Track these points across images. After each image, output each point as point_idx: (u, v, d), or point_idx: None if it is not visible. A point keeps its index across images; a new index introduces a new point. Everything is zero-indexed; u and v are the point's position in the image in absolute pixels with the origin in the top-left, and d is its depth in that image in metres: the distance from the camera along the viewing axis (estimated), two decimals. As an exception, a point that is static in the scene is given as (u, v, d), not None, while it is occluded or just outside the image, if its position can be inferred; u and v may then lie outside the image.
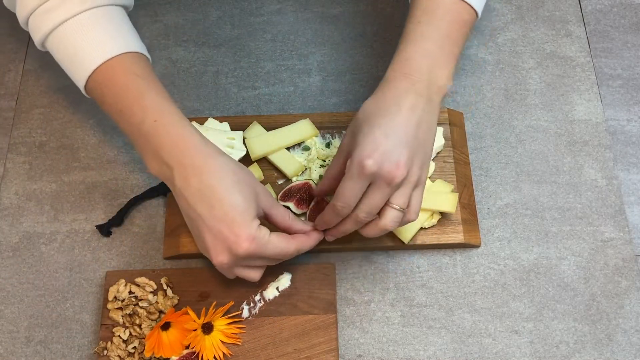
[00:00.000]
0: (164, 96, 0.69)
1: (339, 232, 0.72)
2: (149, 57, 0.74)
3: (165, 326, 0.74)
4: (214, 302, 0.76)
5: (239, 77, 0.94)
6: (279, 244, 0.68)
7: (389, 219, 0.67)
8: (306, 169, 0.84)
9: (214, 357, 0.74)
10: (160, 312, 0.76)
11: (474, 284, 0.81)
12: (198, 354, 0.73)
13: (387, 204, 0.66)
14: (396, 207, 0.66)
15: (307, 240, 0.72)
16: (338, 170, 0.71)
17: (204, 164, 0.65)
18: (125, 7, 0.76)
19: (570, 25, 0.98)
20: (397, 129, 0.65)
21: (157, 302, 0.76)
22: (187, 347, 0.73)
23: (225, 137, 0.83)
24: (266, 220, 0.71)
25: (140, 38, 0.71)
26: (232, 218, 0.64)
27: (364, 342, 0.78)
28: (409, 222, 0.70)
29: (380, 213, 0.67)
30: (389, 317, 0.79)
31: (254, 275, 0.70)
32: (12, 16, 0.76)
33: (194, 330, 0.73)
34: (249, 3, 1.00)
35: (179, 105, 0.91)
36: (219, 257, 0.66)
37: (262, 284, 0.78)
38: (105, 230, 0.82)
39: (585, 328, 0.78)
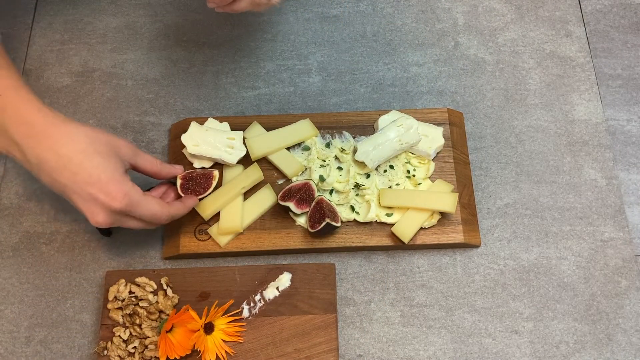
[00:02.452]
0: (10, 69, 0.67)
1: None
2: None
3: (170, 328, 0.74)
4: (215, 302, 0.76)
5: (239, 77, 0.94)
6: (152, 206, 0.69)
7: None
8: (306, 169, 0.84)
9: (217, 356, 0.74)
10: (161, 312, 0.76)
11: (474, 284, 0.81)
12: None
13: None
14: None
15: (181, 207, 0.74)
16: None
17: (56, 135, 0.65)
18: None
19: (570, 25, 0.98)
20: None
21: (157, 302, 0.77)
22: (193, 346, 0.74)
23: (225, 137, 0.83)
24: (135, 171, 0.73)
25: (140, 38, 0.70)
26: (98, 178, 0.65)
27: (364, 342, 0.78)
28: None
29: None
30: (389, 317, 0.79)
31: (140, 224, 0.71)
32: (12, 16, 0.76)
33: (197, 330, 0.73)
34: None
35: (179, 105, 0.91)
36: (97, 218, 0.66)
37: (262, 283, 0.78)
38: (105, 230, 0.82)
39: (585, 328, 0.78)
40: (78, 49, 0.96)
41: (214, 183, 0.81)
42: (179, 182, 0.80)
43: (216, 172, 0.82)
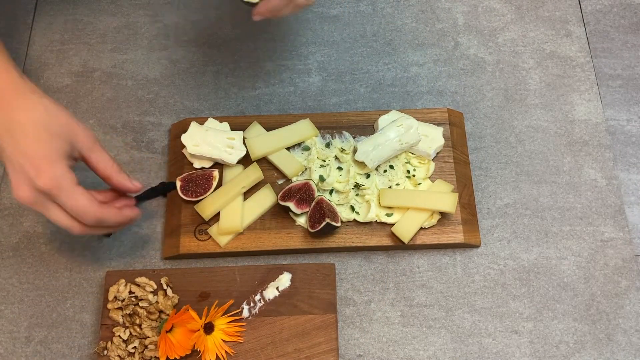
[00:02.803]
0: None
1: (268, 12, 0.71)
2: None
3: (170, 328, 0.74)
4: (215, 302, 0.76)
5: (239, 77, 0.94)
6: (81, 200, 0.65)
7: None
8: (306, 169, 0.84)
9: (217, 356, 0.74)
10: (161, 312, 0.76)
11: (474, 284, 0.81)
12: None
13: None
14: None
15: (115, 214, 0.69)
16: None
17: (14, 99, 0.64)
18: None
19: (570, 25, 0.98)
20: None
21: (157, 302, 0.76)
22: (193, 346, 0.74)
23: (225, 137, 0.83)
24: (87, 166, 0.70)
25: (140, 38, 0.70)
26: (34, 152, 0.63)
27: (364, 342, 0.78)
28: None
29: None
30: (389, 317, 0.79)
31: (63, 218, 0.66)
32: (12, 16, 0.76)
33: (197, 330, 0.73)
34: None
35: (179, 105, 0.91)
36: (19, 191, 0.64)
37: (262, 283, 0.78)
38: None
39: (585, 328, 0.78)
40: (78, 49, 0.96)
41: (214, 184, 0.81)
42: (178, 184, 0.80)
43: (216, 173, 0.82)
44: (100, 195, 0.72)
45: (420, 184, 0.83)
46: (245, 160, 0.84)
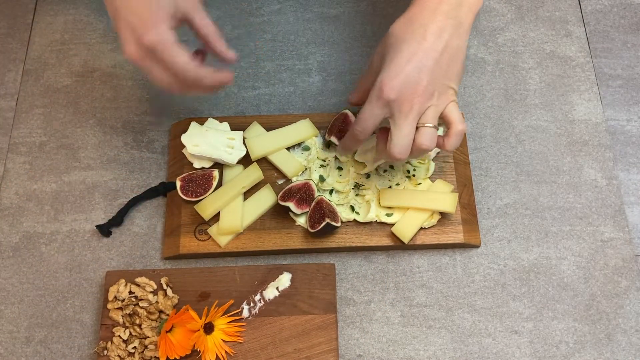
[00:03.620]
0: None
1: (388, 160, 0.74)
2: None
3: (170, 328, 0.74)
4: (215, 301, 0.76)
5: (239, 77, 0.94)
6: (182, 57, 0.67)
7: (423, 138, 0.68)
8: (306, 169, 0.84)
9: (217, 356, 0.74)
10: (160, 312, 0.76)
11: (474, 284, 0.81)
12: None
13: (417, 126, 0.68)
14: (428, 125, 0.68)
15: (211, 75, 0.71)
16: (368, 86, 0.72)
17: None
18: None
19: (570, 25, 0.98)
20: (420, 55, 0.66)
21: (157, 302, 0.76)
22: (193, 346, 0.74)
23: (225, 137, 0.83)
24: (187, 26, 0.71)
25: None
26: (142, 11, 0.65)
27: (364, 342, 0.78)
28: (461, 132, 0.70)
29: (415, 136, 0.69)
30: (389, 317, 0.79)
31: (163, 75, 0.69)
32: (12, 16, 0.76)
33: (197, 330, 0.73)
34: (249, 3, 1.00)
35: (179, 105, 0.91)
36: (127, 47, 0.66)
37: (262, 283, 0.78)
38: (105, 230, 0.82)
39: (585, 328, 0.78)
40: (78, 49, 0.96)
41: (214, 184, 0.81)
42: (178, 184, 0.80)
43: (216, 173, 0.82)
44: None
45: (420, 184, 0.83)
46: (245, 160, 0.84)
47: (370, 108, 0.68)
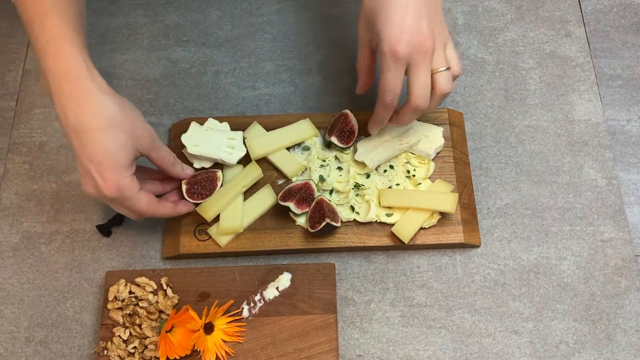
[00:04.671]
0: (68, 21, 0.67)
1: (399, 122, 0.75)
2: None
3: (170, 328, 0.74)
4: (216, 301, 0.76)
5: (239, 77, 0.94)
6: (142, 204, 0.70)
7: (442, 82, 0.70)
8: (306, 169, 0.84)
9: (217, 356, 0.74)
10: (161, 312, 0.76)
11: (474, 284, 0.81)
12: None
13: (432, 73, 0.70)
14: (441, 69, 0.70)
15: (171, 209, 0.75)
16: (368, 63, 0.74)
17: (82, 100, 0.65)
18: None
19: (570, 25, 0.98)
20: (412, 4, 0.67)
21: (157, 302, 0.76)
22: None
23: (225, 137, 0.83)
24: (148, 159, 0.73)
25: (140, 38, 0.70)
26: (100, 161, 0.65)
27: (364, 342, 0.78)
28: (457, 76, 0.73)
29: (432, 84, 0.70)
30: (389, 317, 0.79)
31: (126, 213, 0.72)
32: (12, 16, 0.76)
33: (197, 330, 0.73)
34: (249, 3, 1.00)
35: (179, 105, 0.91)
36: (87, 188, 0.67)
37: (262, 283, 0.78)
38: (105, 230, 0.82)
39: (585, 328, 0.78)
40: (78, 49, 0.96)
41: (219, 184, 0.81)
42: (184, 187, 0.80)
43: (220, 173, 0.82)
44: (152, 187, 0.77)
45: (420, 184, 0.83)
46: (245, 160, 0.84)
47: (391, 73, 0.68)
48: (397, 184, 0.83)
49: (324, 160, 0.85)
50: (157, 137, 0.72)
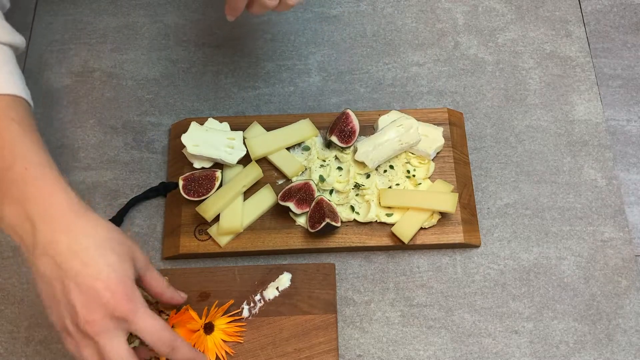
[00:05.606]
0: (40, 146, 0.64)
1: (252, 10, 0.72)
2: (31, 103, 0.68)
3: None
4: (216, 301, 0.76)
5: (239, 77, 0.94)
6: (158, 322, 0.62)
7: None
8: (306, 169, 0.84)
9: (217, 356, 0.74)
10: (161, 312, 0.76)
11: (474, 284, 0.81)
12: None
13: None
14: None
15: (190, 349, 0.65)
16: None
17: (76, 221, 0.61)
18: (14, 48, 0.70)
19: (570, 25, 0.98)
20: None
21: (157, 302, 0.76)
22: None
23: (225, 137, 0.83)
24: (141, 282, 0.66)
25: (140, 38, 0.70)
26: (107, 276, 0.59)
27: (364, 342, 0.78)
28: None
29: None
30: (389, 317, 0.79)
31: (121, 353, 0.61)
32: (12, 16, 0.76)
33: (197, 330, 0.73)
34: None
35: (179, 105, 0.91)
36: (91, 315, 0.59)
37: (262, 283, 0.78)
38: (105, 230, 0.82)
39: (585, 328, 0.78)
40: (78, 49, 0.96)
41: (217, 184, 0.81)
42: (181, 183, 0.80)
43: (219, 173, 0.82)
44: None
45: (420, 184, 0.83)
46: (245, 160, 0.84)
47: None
48: (397, 184, 0.83)
49: (324, 160, 0.85)
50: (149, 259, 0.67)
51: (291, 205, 0.80)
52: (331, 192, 0.83)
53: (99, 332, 0.59)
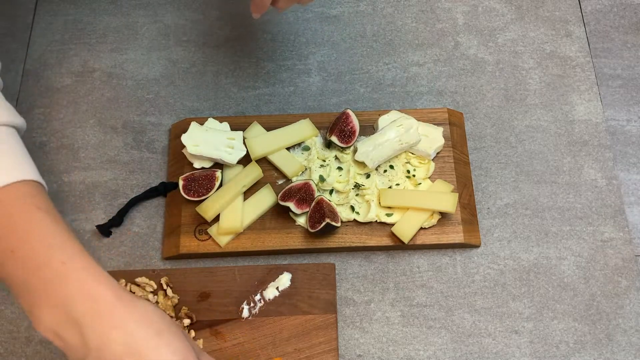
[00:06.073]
0: (72, 235, 0.57)
1: (278, 6, 0.72)
2: (46, 187, 0.62)
3: None
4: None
5: (239, 77, 0.94)
6: None
7: None
8: (306, 169, 0.84)
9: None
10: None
11: (474, 284, 0.81)
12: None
13: None
14: None
15: None
16: None
17: (124, 312, 0.54)
18: (17, 129, 0.64)
19: (570, 25, 0.98)
20: None
21: (157, 302, 0.76)
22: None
23: (225, 137, 0.83)
24: None
25: (140, 38, 0.69)
26: (184, 356, 0.54)
27: (364, 342, 0.78)
28: None
29: None
30: (389, 317, 0.79)
31: None
32: (12, 16, 0.76)
33: None
34: (249, 3, 1.00)
35: (179, 105, 0.91)
36: None
37: (262, 283, 0.78)
38: (105, 230, 0.82)
39: (585, 328, 0.78)
40: (78, 49, 0.96)
41: (217, 184, 0.81)
42: (181, 182, 0.80)
43: (219, 173, 0.82)
44: None
45: (420, 184, 0.83)
46: (245, 160, 0.84)
47: None
48: (397, 184, 0.83)
49: (324, 160, 0.85)
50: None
51: (291, 205, 0.80)
52: (331, 192, 0.83)
53: None
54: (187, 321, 0.75)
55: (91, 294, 0.54)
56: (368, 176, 0.83)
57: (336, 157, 0.85)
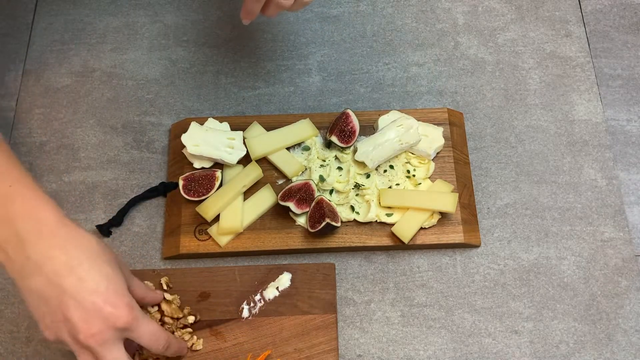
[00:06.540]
0: (16, 162, 0.64)
1: (266, 14, 0.73)
2: None
3: None
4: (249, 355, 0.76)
5: (239, 77, 0.94)
6: (154, 325, 0.64)
7: None
8: (306, 169, 0.84)
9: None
10: (162, 313, 0.76)
11: (474, 284, 0.81)
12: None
13: None
14: None
15: (179, 341, 0.72)
16: None
17: (67, 237, 0.60)
18: None
19: (570, 25, 0.98)
20: None
21: (161, 311, 0.76)
22: None
23: (225, 137, 0.83)
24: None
25: (140, 38, 0.69)
26: (105, 288, 0.60)
27: (364, 342, 0.78)
28: None
29: None
30: (389, 317, 0.79)
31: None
32: (12, 16, 0.76)
33: None
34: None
35: (179, 105, 0.91)
36: (92, 329, 0.59)
37: (262, 283, 0.78)
38: (105, 230, 0.82)
39: (585, 328, 0.78)
40: (78, 49, 0.96)
41: (217, 184, 0.81)
42: (181, 182, 0.80)
43: (219, 173, 0.82)
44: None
45: (420, 184, 0.83)
46: (246, 160, 0.84)
47: None
48: (397, 184, 0.83)
49: (324, 160, 0.85)
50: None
51: (291, 205, 0.80)
52: (331, 192, 0.83)
53: (100, 343, 0.59)
54: (191, 318, 0.75)
55: (36, 215, 0.60)
56: (368, 176, 0.83)
57: (336, 157, 0.85)
